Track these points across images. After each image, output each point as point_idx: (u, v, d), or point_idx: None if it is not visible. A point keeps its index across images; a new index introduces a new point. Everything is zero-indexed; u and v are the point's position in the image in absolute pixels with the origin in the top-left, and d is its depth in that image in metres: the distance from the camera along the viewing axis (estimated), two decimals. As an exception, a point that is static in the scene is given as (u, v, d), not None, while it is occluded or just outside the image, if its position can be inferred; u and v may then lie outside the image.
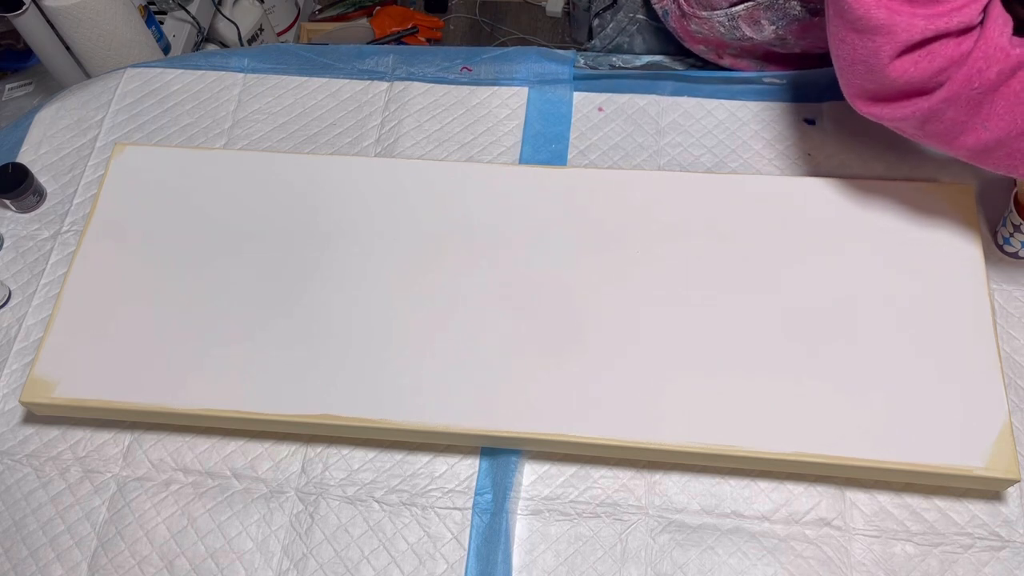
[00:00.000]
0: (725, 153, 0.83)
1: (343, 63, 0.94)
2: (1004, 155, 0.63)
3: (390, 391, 0.69)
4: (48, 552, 0.70)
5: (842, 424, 0.65)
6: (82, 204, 0.87)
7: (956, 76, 0.59)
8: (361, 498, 0.70)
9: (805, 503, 0.67)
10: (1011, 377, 0.70)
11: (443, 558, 0.68)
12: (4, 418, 0.77)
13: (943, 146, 0.64)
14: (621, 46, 0.96)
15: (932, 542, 0.65)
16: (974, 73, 0.58)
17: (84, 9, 1.24)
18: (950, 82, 0.59)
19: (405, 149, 0.87)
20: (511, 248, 0.75)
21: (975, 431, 0.64)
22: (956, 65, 0.59)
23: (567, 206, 0.76)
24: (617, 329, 0.70)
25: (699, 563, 0.66)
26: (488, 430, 0.67)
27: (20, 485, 0.73)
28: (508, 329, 0.70)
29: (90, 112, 0.94)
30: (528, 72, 0.91)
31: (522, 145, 0.86)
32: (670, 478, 0.69)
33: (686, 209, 0.75)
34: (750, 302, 0.70)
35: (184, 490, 0.72)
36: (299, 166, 0.81)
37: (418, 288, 0.73)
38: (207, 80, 0.95)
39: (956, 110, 0.60)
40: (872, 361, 0.67)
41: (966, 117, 0.61)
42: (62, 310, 0.74)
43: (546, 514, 0.69)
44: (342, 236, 0.77)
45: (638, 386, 0.67)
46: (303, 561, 0.68)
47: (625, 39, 0.96)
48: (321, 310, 0.73)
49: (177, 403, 0.70)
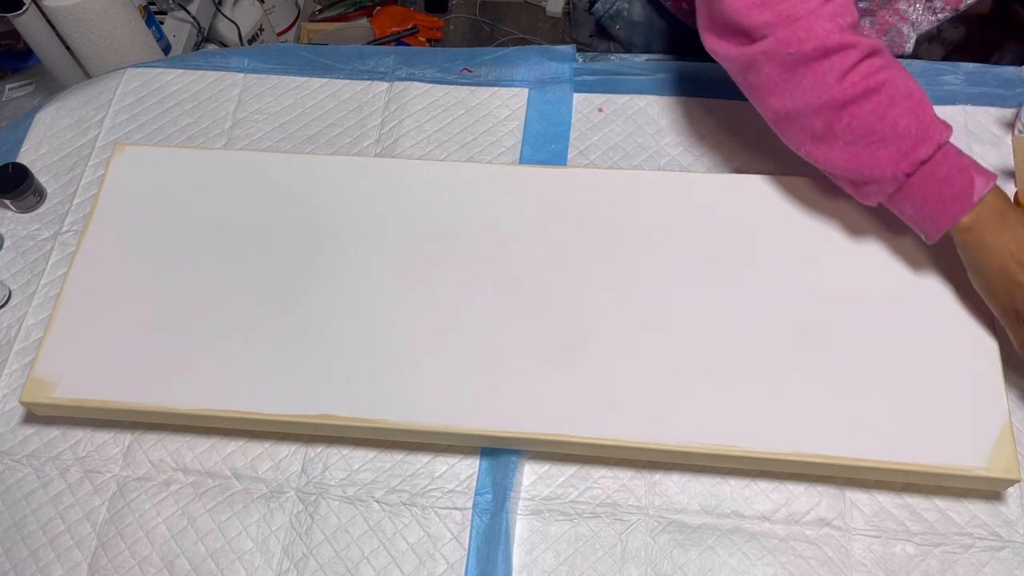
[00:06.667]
0: (726, 153, 0.83)
1: (343, 63, 0.94)
2: (797, 129, 0.66)
3: (390, 391, 0.69)
4: (48, 552, 0.70)
5: (842, 424, 0.65)
6: (82, 204, 0.87)
7: (778, 33, 0.62)
8: (361, 498, 0.70)
9: (805, 503, 0.67)
10: (1011, 377, 0.70)
11: (443, 558, 0.68)
12: (4, 418, 0.77)
13: (756, 103, 0.68)
14: (620, 12, 0.98)
15: (932, 542, 0.65)
16: (793, 39, 0.61)
17: (84, 9, 1.24)
18: (772, 37, 0.62)
19: (405, 149, 0.87)
20: (511, 248, 0.75)
21: (975, 431, 0.64)
22: (782, 24, 0.62)
23: (567, 206, 0.76)
24: (617, 329, 0.70)
25: (699, 563, 0.66)
26: (488, 430, 0.67)
27: (20, 485, 0.73)
28: (508, 329, 0.71)
29: (90, 112, 0.94)
30: (528, 72, 0.91)
31: (522, 145, 0.86)
32: (670, 478, 0.69)
33: (687, 209, 0.75)
34: (751, 302, 0.70)
35: (184, 490, 0.72)
36: (299, 166, 0.81)
37: (419, 288, 0.73)
38: (207, 80, 0.95)
39: (772, 68, 0.63)
40: (872, 361, 0.67)
41: (779, 79, 0.64)
42: (62, 310, 0.74)
43: (546, 514, 0.69)
44: (342, 236, 0.77)
45: (638, 386, 0.67)
46: (303, 561, 0.68)
47: (624, 5, 0.97)
48: (321, 310, 0.73)
49: (177, 403, 0.70)
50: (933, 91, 0.84)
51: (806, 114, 0.64)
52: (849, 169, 0.64)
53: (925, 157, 0.62)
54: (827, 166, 0.66)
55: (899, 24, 0.83)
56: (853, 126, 0.62)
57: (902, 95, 0.62)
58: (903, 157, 0.62)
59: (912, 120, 0.62)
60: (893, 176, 0.63)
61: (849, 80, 0.61)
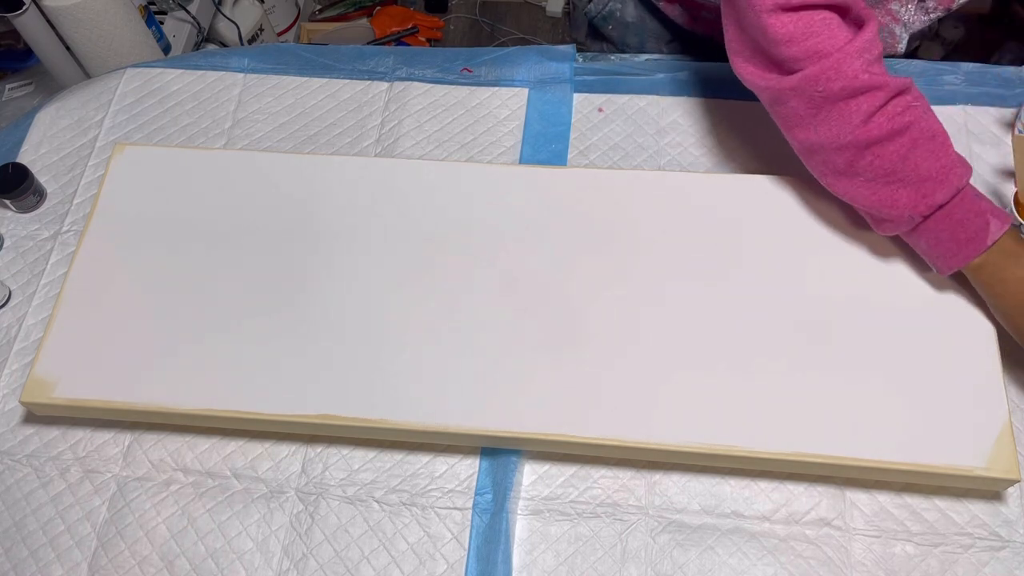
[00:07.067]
0: (726, 153, 0.83)
1: (343, 63, 0.94)
2: (820, 161, 0.66)
3: (390, 391, 0.69)
4: (48, 552, 0.70)
5: (842, 424, 0.65)
6: (82, 204, 0.88)
7: (807, 70, 0.62)
8: (361, 498, 0.70)
9: (805, 503, 0.67)
10: (1011, 377, 0.70)
11: (443, 558, 0.68)
12: (4, 418, 0.77)
13: (784, 131, 0.68)
14: (613, 13, 0.98)
15: (932, 542, 0.65)
16: (822, 77, 0.62)
17: (84, 9, 1.24)
18: (802, 73, 0.62)
19: (405, 149, 0.87)
20: (511, 248, 0.75)
21: (975, 431, 0.64)
22: (814, 58, 0.62)
23: (567, 206, 0.76)
24: (617, 329, 0.70)
25: (699, 563, 0.66)
26: (488, 430, 0.67)
27: (20, 485, 0.73)
28: (508, 329, 0.71)
29: (90, 112, 0.94)
30: (528, 72, 0.91)
31: (522, 145, 0.86)
32: (670, 478, 0.69)
33: (686, 209, 0.75)
34: (751, 302, 0.70)
35: (184, 490, 0.72)
36: (299, 166, 0.81)
37: (419, 288, 0.73)
38: (207, 80, 0.95)
39: (799, 102, 0.64)
40: (872, 361, 0.67)
41: (805, 113, 0.64)
42: (62, 310, 0.74)
43: (546, 514, 0.69)
44: (342, 236, 0.77)
45: (638, 386, 0.67)
46: (303, 561, 0.68)
47: (617, 5, 0.98)
48: (321, 310, 0.73)
49: (177, 403, 0.70)
50: (933, 91, 0.84)
51: (830, 150, 0.64)
52: (868, 206, 0.65)
53: (943, 201, 0.62)
54: (847, 199, 0.67)
55: (891, 24, 0.83)
56: (875, 165, 0.63)
57: (926, 137, 0.62)
58: (921, 199, 0.63)
59: (933, 163, 0.62)
60: (910, 217, 0.64)
61: (875, 122, 0.62)
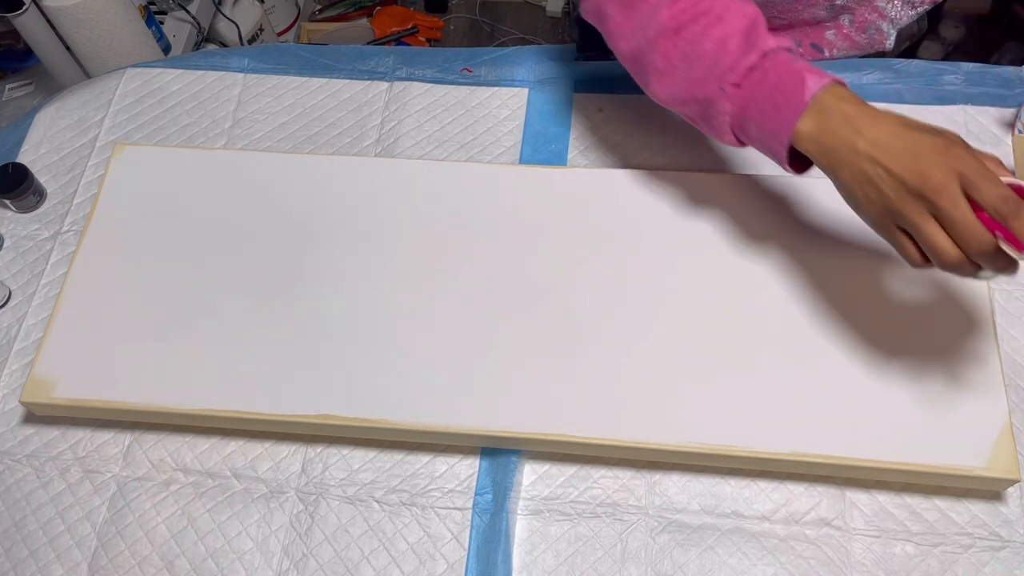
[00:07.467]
0: (726, 153, 0.83)
1: (343, 63, 0.94)
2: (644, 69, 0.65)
3: (390, 391, 0.69)
4: (48, 552, 0.70)
5: (842, 424, 0.65)
6: (82, 204, 0.88)
7: None
8: (361, 498, 0.70)
9: (805, 503, 0.67)
10: (1011, 377, 0.70)
11: (443, 558, 0.68)
12: (4, 418, 0.77)
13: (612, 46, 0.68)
14: None
15: (932, 542, 0.65)
16: None
17: (84, 9, 1.24)
18: None
19: (405, 149, 0.87)
20: (511, 248, 0.75)
21: (975, 431, 0.64)
22: None
23: (567, 206, 0.76)
24: (617, 329, 0.70)
25: (699, 563, 0.66)
26: (488, 430, 0.67)
27: (20, 485, 0.73)
28: (508, 329, 0.71)
29: (90, 112, 0.94)
30: (528, 72, 0.91)
31: (522, 145, 0.86)
32: (670, 478, 0.69)
33: (687, 209, 0.75)
34: (751, 302, 0.70)
35: (184, 490, 0.72)
36: (299, 166, 0.81)
37: (419, 288, 0.73)
38: (207, 80, 0.95)
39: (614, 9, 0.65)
40: (872, 361, 0.67)
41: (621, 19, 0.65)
42: (62, 310, 0.74)
43: (546, 514, 0.69)
44: (342, 236, 0.77)
45: (638, 386, 0.67)
46: (303, 561, 0.68)
47: None
48: (321, 310, 0.73)
49: (177, 403, 0.70)
50: (933, 91, 0.84)
51: (647, 50, 0.63)
52: (687, 98, 0.62)
53: (752, 64, 0.58)
54: (672, 103, 0.64)
55: (878, 21, 0.83)
56: (687, 52, 0.61)
57: (734, 16, 0.60)
58: (730, 69, 0.59)
59: (742, 39, 0.59)
60: (722, 90, 0.59)
61: (679, 7, 0.61)
